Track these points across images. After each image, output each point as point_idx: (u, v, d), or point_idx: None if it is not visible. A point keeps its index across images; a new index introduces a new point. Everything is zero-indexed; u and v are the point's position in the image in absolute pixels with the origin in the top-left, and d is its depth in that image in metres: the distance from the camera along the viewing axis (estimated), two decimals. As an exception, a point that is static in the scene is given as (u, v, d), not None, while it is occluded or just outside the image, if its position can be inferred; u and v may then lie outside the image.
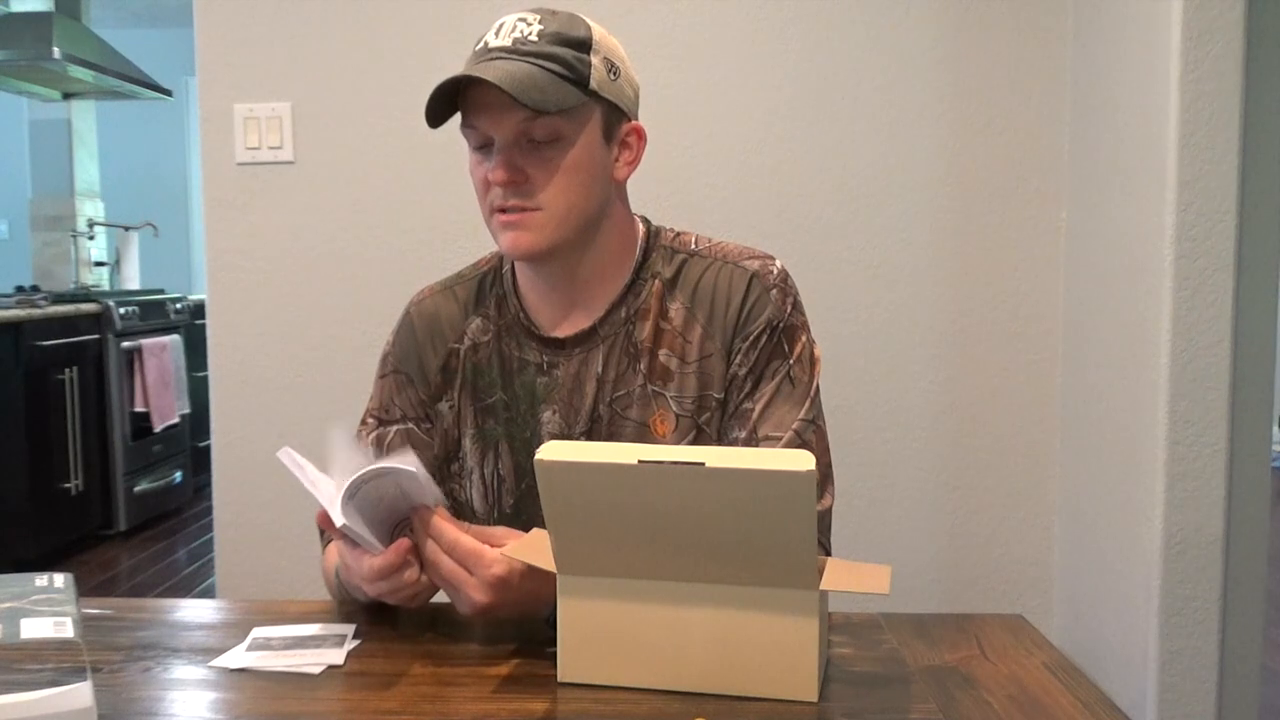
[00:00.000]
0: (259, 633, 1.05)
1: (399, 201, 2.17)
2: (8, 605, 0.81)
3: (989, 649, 1.02)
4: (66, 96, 4.87)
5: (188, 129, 6.25)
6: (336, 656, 0.99)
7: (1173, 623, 1.72)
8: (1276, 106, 1.69)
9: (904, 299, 2.14)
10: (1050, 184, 2.11)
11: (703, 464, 0.84)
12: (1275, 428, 2.42)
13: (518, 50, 1.08)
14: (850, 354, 2.15)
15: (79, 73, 4.30)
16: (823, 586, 0.88)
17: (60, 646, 0.99)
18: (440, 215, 2.16)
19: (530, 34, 1.09)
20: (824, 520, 1.15)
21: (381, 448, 1.23)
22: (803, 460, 0.83)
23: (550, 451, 0.88)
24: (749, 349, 1.15)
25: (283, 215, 2.19)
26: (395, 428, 1.23)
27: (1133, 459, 1.80)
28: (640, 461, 0.85)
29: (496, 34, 1.11)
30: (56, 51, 4.06)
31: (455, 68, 1.08)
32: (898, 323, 2.14)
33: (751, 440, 1.13)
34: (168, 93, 4.95)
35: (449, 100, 1.10)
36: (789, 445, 1.12)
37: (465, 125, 1.12)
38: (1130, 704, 1.78)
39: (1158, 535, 1.72)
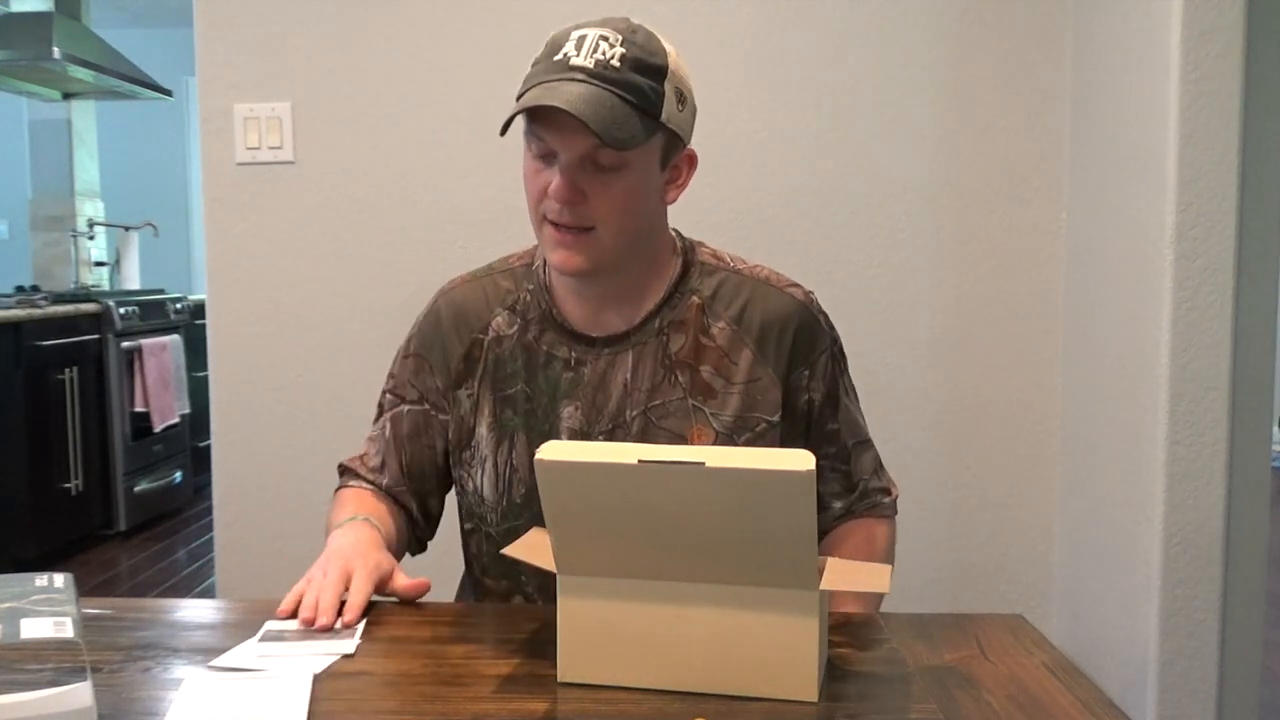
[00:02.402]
0: (272, 626, 1.05)
1: (399, 201, 2.17)
2: (8, 605, 0.81)
3: (989, 649, 1.02)
4: (66, 96, 4.87)
5: (188, 129, 6.25)
6: (348, 646, 1.00)
7: (1173, 623, 1.72)
8: (1276, 106, 1.69)
9: (904, 299, 2.14)
10: (1050, 184, 2.11)
11: (703, 464, 0.84)
12: (1275, 428, 2.42)
13: (600, 75, 1.08)
14: (850, 354, 2.13)
15: (79, 73, 4.30)
16: (823, 586, 0.89)
17: (60, 646, 0.99)
18: (441, 215, 2.16)
19: (613, 58, 1.09)
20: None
21: (398, 426, 1.27)
22: (802, 460, 0.83)
23: (550, 451, 0.88)
24: (818, 377, 1.24)
25: (283, 215, 2.19)
26: (408, 408, 1.27)
27: (1133, 459, 1.80)
28: (640, 461, 0.85)
29: (578, 49, 1.09)
30: (56, 51, 4.06)
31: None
32: (898, 323, 2.14)
33: (843, 452, 1.27)
34: (168, 93, 4.94)
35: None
36: (863, 442, 1.30)
37: (532, 133, 1.12)
38: (1130, 704, 1.78)
39: (1158, 535, 1.72)
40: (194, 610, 1.18)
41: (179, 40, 4.86)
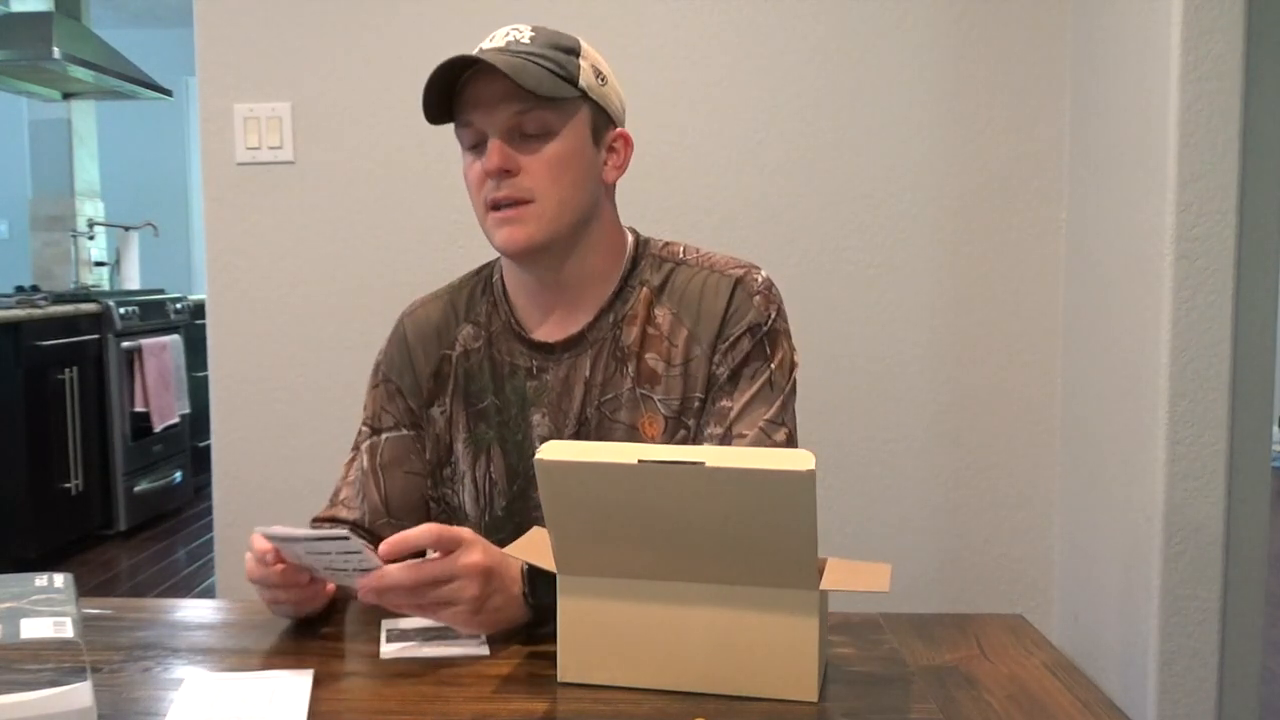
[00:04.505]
0: (391, 625, 1.05)
1: (399, 202, 2.17)
2: (8, 605, 0.81)
3: (989, 649, 1.02)
4: (66, 96, 4.87)
5: (188, 129, 6.25)
6: (479, 648, 1.00)
7: (1173, 623, 1.72)
8: (1276, 106, 1.69)
9: (904, 299, 2.14)
10: (1050, 184, 2.11)
11: (703, 464, 0.84)
12: (1275, 428, 2.42)
13: (510, 50, 1.12)
14: (850, 354, 2.15)
15: (79, 73, 4.30)
16: (823, 586, 0.88)
17: (60, 646, 0.99)
18: (440, 215, 2.16)
19: (523, 39, 1.14)
20: None
21: (375, 457, 1.25)
22: (803, 460, 0.83)
23: (550, 451, 0.88)
24: (728, 349, 1.17)
25: (283, 215, 2.19)
26: (386, 435, 1.25)
27: (1133, 459, 1.80)
28: (640, 461, 0.85)
29: (489, 41, 1.16)
30: (56, 51, 4.06)
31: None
32: (898, 323, 2.14)
33: (726, 438, 1.16)
34: (168, 93, 4.94)
35: (445, 101, 1.13)
36: (753, 443, 1.15)
37: (460, 124, 1.15)
38: (1130, 704, 1.78)
39: (1158, 535, 1.72)
40: (194, 610, 1.18)
41: (179, 40, 4.86)
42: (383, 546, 0.94)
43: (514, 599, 1.00)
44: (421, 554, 0.99)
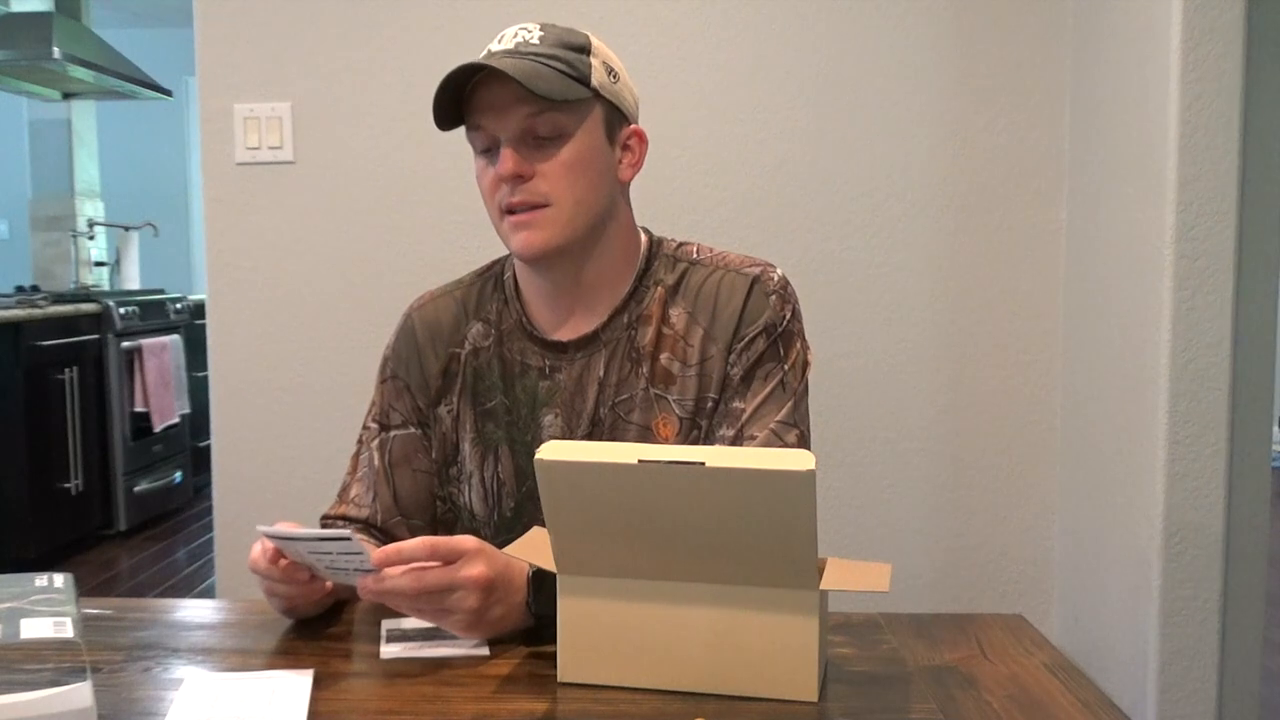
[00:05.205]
0: (391, 625, 1.05)
1: (399, 201, 2.17)
2: (8, 605, 0.81)
3: (989, 649, 1.02)
4: (66, 96, 4.87)
5: (188, 129, 6.24)
6: (480, 648, 1.00)
7: (1173, 623, 1.72)
8: (1276, 106, 1.69)
9: (904, 299, 2.14)
10: (1050, 184, 2.11)
11: (703, 464, 0.84)
12: (1275, 428, 2.42)
13: (519, 52, 1.11)
14: (850, 354, 2.15)
15: (79, 73, 4.30)
16: (823, 586, 0.88)
17: (60, 646, 0.99)
18: (441, 215, 2.16)
19: (532, 39, 1.13)
20: None
21: (385, 454, 1.24)
22: (803, 460, 0.83)
23: (550, 451, 0.88)
24: (743, 349, 1.17)
25: (283, 215, 2.19)
26: (395, 433, 1.24)
27: (1133, 459, 1.80)
28: (640, 461, 0.85)
29: (499, 42, 1.14)
30: (56, 51, 4.06)
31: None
32: (898, 323, 2.15)
33: (738, 440, 1.15)
34: (168, 93, 4.94)
35: (456, 105, 1.13)
36: (764, 445, 1.14)
37: (471, 127, 1.14)
38: (1130, 704, 1.78)
39: (1158, 535, 1.72)
40: (194, 610, 1.18)
41: (179, 40, 4.86)
42: (376, 555, 0.94)
43: (516, 608, 1.00)
44: None
